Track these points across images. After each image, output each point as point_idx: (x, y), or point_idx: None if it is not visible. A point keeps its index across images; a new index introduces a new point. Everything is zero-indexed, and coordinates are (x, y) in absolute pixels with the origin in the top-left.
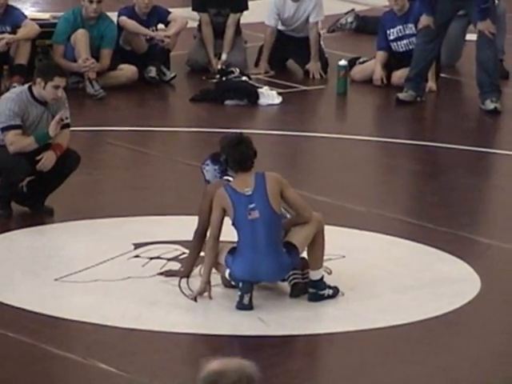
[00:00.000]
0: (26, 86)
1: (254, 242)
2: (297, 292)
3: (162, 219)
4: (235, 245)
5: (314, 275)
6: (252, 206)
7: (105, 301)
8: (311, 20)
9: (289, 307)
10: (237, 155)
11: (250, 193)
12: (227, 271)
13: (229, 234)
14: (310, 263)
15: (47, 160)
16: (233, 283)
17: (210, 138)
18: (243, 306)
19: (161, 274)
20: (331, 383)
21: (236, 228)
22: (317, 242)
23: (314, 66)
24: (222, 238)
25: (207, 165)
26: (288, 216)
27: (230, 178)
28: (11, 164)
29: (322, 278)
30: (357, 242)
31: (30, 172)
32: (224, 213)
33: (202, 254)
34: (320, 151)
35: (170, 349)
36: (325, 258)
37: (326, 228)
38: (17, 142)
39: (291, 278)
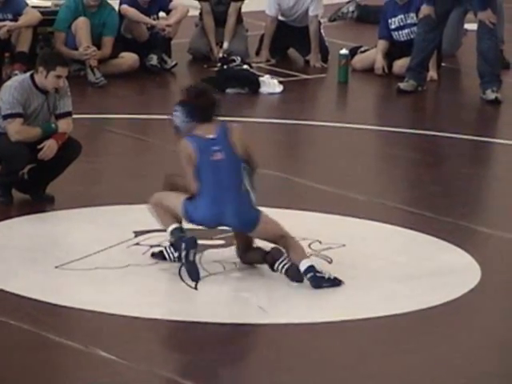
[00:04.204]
0: (28, 74)
1: (217, 182)
2: (295, 273)
3: None
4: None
5: (305, 263)
6: (216, 148)
7: (105, 289)
8: (310, 13)
9: (289, 296)
10: (198, 107)
11: (213, 137)
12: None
13: None
14: (296, 257)
15: (49, 148)
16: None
17: None
18: (189, 264)
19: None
20: (330, 372)
21: (198, 172)
22: (290, 244)
23: (314, 58)
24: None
25: (176, 110)
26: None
27: None
28: (12, 152)
29: (314, 266)
30: (357, 231)
31: (31, 160)
32: None
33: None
34: (321, 140)
35: (170, 336)
36: (325, 246)
37: (327, 216)
38: (23, 131)
39: (280, 266)
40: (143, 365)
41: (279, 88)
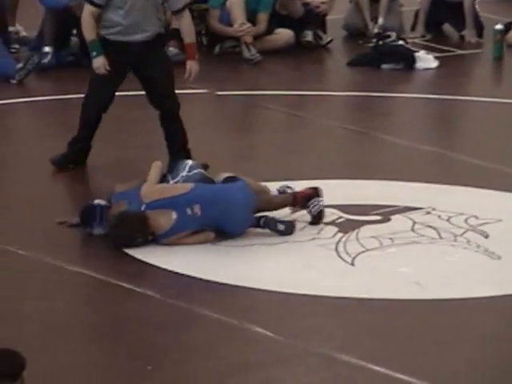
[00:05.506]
0: None
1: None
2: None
3: (318, 183)
4: None
5: None
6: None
7: (261, 265)
8: None
9: (446, 272)
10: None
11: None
12: None
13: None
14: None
15: (193, 69)
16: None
17: (366, 102)
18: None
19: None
20: (488, 345)
21: None
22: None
23: (469, 34)
24: None
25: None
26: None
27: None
28: (92, 95)
29: None
30: None
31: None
32: None
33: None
34: (475, 115)
35: (327, 313)
36: (482, 221)
37: (482, 191)
38: (86, 23)
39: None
40: (299, 341)
41: (435, 63)
